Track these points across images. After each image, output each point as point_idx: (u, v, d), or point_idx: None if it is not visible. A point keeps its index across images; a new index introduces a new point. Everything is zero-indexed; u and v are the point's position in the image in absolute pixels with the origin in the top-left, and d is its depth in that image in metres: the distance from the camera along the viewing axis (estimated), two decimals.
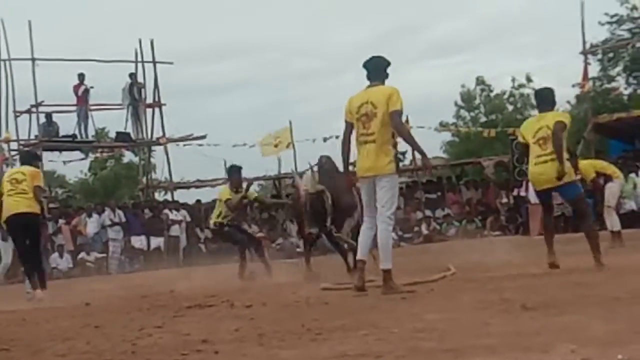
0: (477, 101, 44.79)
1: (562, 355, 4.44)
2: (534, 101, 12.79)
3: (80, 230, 25.64)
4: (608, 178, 15.77)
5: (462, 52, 72.49)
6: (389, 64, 9.28)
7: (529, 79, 43.84)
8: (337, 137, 30.18)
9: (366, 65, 9.22)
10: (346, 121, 9.20)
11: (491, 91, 44.64)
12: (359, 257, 9.27)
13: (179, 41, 58.86)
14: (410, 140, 9.59)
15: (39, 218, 12.67)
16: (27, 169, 12.91)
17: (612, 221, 15.57)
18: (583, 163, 14.93)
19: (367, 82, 9.22)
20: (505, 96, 44.74)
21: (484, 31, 65.96)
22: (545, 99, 10.58)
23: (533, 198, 24.22)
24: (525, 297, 7.15)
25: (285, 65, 69.53)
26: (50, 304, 11.25)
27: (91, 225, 25.53)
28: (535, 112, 12.12)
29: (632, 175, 23.43)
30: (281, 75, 70.16)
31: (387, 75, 9.22)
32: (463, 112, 44.68)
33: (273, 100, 67.51)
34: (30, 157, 14.63)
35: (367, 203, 9.19)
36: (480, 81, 44.59)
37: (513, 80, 44.38)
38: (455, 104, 44.51)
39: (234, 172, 14.54)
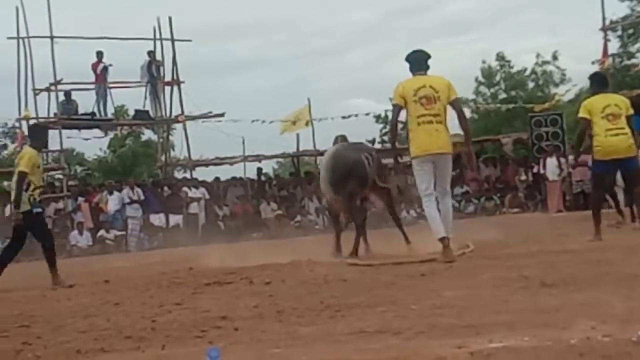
0: (498, 77, 44.44)
1: (582, 331, 4.43)
2: (556, 79, 13.13)
3: (101, 207, 25.71)
4: None
5: (477, 29, 72.14)
6: (429, 56, 9.90)
7: (555, 57, 43.49)
8: (356, 115, 30.51)
9: (409, 58, 9.88)
10: (397, 104, 9.73)
11: (511, 67, 44.26)
12: (443, 234, 9.54)
13: (198, 19, 58.68)
14: (467, 127, 10.20)
15: (28, 215, 11.16)
16: (23, 150, 12.03)
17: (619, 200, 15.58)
18: None
19: (411, 74, 9.86)
20: (527, 73, 44.35)
21: (501, 8, 65.42)
22: (603, 81, 11.90)
23: (551, 175, 24.32)
24: (545, 274, 7.13)
25: (301, 43, 69.52)
26: None
27: (112, 203, 25.57)
28: (557, 89, 12.59)
29: None
30: (298, 53, 70.05)
31: (428, 67, 9.84)
32: (483, 89, 44.38)
33: (290, 79, 67.56)
34: (31, 132, 13.28)
35: (429, 180, 9.74)
36: (500, 57, 44.26)
37: (537, 56, 44.02)
38: (476, 79, 44.21)
39: None
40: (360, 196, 11.74)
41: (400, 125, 10.47)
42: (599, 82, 11.67)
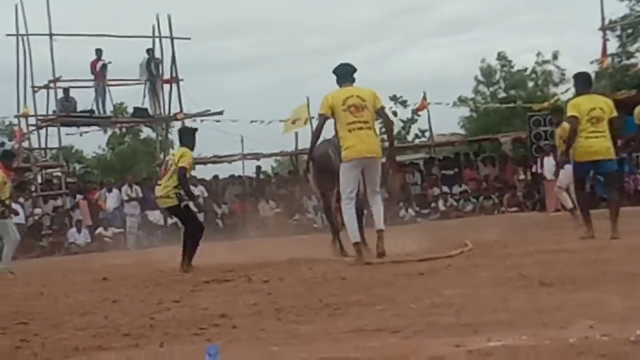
0: (497, 77, 44.45)
1: (580, 330, 4.44)
2: (555, 78, 13.28)
3: (100, 205, 25.71)
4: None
5: (475, 29, 72.16)
6: (355, 70, 10.59)
7: (555, 56, 43.51)
8: None
9: (336, 71, 10.55)
10: (323, 114, 10.27)
11: (512, 67, 44.28)
12: (358, 239, 10.27)
13: (197, 17, 58.74)
14: (392, 134, 11.01)
15: (176, 208, 11.94)
16: (179, 150, 12.86)
17: (564, 199, 15.69)
18: None
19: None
20: (527, 72, 44.36)
21: (501, 8, 65.47)
22: (588, 81, 11.77)
23: (549, 174, 24.33)
24: (543, 273, 7.13)
25: (299, 42, 69.48)
26: None
27: (111, 200, 25.60)
28: (557, 89, 12.66)
29: None
30: (296, 52, 70.07)
31: (354, 79, 10.49)
32: (482, 88, 44.40)
33: (289, 77, 67.51)
34: (183, 134, 13.88)
35: (355, 184, 10.38)
36: (501, 56, 44.27)
37: (538, 54, 44.04)
38: (475, 78, 44.22)
39: None
40: (334, 193, 11.79)
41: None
42: (583, 83, 11.66)
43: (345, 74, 10.47)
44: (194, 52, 62.30)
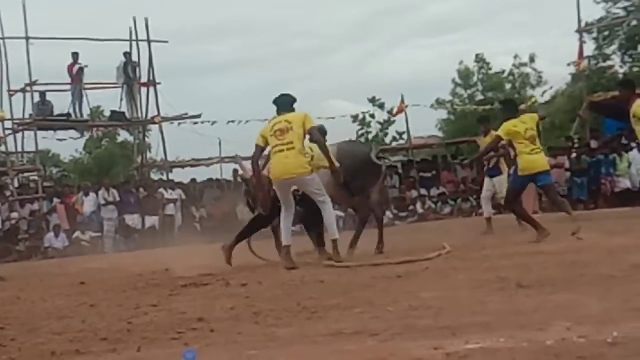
0: (475, 79, 44.63)
1: (558, 332, 4.45)
2: (533, 80, 13.95)
3: (77, 208, 25.59)
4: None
5: (454, 31, 72.02)
6: (295, 100, 10.99)
7: (532, 59, 43.78)
8: (333, 118, 30.50)
9: (276, 101, 10.94)
10: (257, 145, 10.86)
11: (490, 69, 44.48)
12: (288, 243, 10.51)
13: (174, 20, 58.32)
14: (327, 152, 10.74)
15: None
16: None
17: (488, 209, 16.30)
18: None
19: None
20: (504, 75, 44.58)
21: (478, 11, 65.49)
22: (514, 107, 12.88)
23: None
24: (521, 275, 7.16)
25: (280, 44, 69.12)
26: None
27: (88, 204, 25.47)
28: (534, 91, 13.01)
29: (625, 153, 23.49)
30: (276, 54, 69.70)
31: (293, 109, 10.85)
32: (459, 90, 44.54)
33: (268, 80, 67.17)
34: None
35: (286, 199, 10.77)
36: (479, 59, 44.45)
37: (515, 57, 44.28)
38: (453, 81, 44.37)
39: None
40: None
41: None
42: (511, 109, 12.49)
43: (284, 104, 10.89)
44: (172, 55, 61.98)
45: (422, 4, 69.35)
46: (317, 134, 10.67)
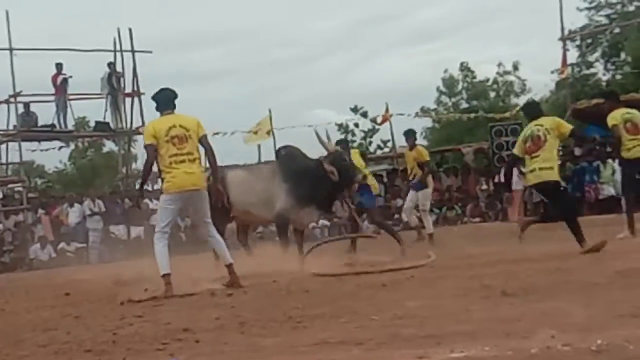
0: (460, 87, 44.79)
1: (543, 340, 4.47)
2: (517, 88, 13.88)
3: (62, 219, 25.52)
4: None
5: (438, 39, 72.17)
6: (176, 95, 10.17)
7: (515, 67, 44.03)
8: (311, 126, 30.43)
9: (156, 97, 10.20)
10: (151, 144, 9.79)
11: (474, 77, 44.65)
12: (167, 272, 9.44)
13: (158, 30, 58.38)
14: (215, 163, 10.49)
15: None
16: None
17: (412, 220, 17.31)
18: None
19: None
20: (489, 83, 44.77)
21: (460, 19, 65.65)
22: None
23: (513, 185, 24.49)
24: (506, 283, 7.18)
25: (263, 53, 69.10)
26: None
27: (73, 215, 25.41)
28: (518, 99, 12.96)
29: (610, 161, 23.56)
30: (259, 63, 69.80)
31: (175, 106, 10.08)
32: (444, 98, 44.70)
33: (252, 89, 67.24)
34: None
35: (173, 219, 10.09)
36: (464, 67, 44.62)
37: (499, 65, 44.50)
38: (437, 89, 44.52)
39: None
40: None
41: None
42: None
43: (166, 100, 10.08)
44: (156, 65, 61.92)
45: (406, 13, 69.61)
46: (209, 144, 10.12)
